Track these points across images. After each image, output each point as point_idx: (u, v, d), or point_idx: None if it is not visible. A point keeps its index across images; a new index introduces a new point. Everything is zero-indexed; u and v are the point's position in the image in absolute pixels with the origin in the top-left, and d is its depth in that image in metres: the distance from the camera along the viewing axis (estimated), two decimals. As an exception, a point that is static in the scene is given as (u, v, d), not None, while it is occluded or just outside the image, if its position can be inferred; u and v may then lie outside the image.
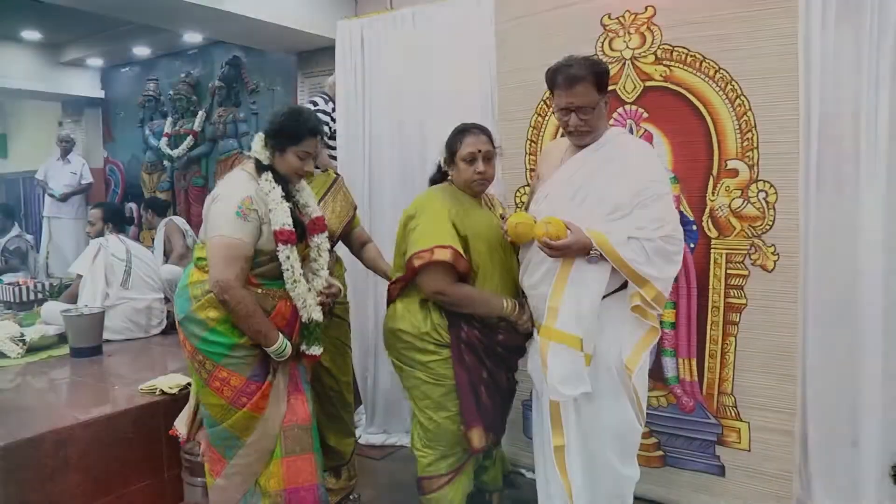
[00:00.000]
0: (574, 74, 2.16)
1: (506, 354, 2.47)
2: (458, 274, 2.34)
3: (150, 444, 2.82)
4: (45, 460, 2.49)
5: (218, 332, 2.25)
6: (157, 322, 4.23)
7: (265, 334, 2.23)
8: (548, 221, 2.13)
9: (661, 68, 2.75)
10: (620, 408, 2.20)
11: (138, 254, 4.23)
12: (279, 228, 2.25)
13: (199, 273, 2.33)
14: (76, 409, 2.77)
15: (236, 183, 2.30)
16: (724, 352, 2.69)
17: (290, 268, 2.28)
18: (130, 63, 7.65)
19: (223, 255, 2.18)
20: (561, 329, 2.14)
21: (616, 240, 2.09)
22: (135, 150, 7.71)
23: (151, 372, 3.25)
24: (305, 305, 2.35)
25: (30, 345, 3.72)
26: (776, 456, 2.61)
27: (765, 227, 2.58)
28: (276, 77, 6.19)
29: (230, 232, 2.18)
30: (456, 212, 2.37)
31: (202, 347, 2.27)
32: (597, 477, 2.25)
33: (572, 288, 2.15)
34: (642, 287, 2.11)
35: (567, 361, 2.14)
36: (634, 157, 2.22)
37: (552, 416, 2.24)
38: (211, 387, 2.28)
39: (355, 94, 3.72)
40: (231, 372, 2.26)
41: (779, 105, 2.53)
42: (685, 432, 2.80)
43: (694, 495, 2.77)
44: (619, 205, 2.15)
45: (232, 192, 2.25)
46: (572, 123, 2.21)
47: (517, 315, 2.37)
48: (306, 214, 2.43)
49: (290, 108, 2.45)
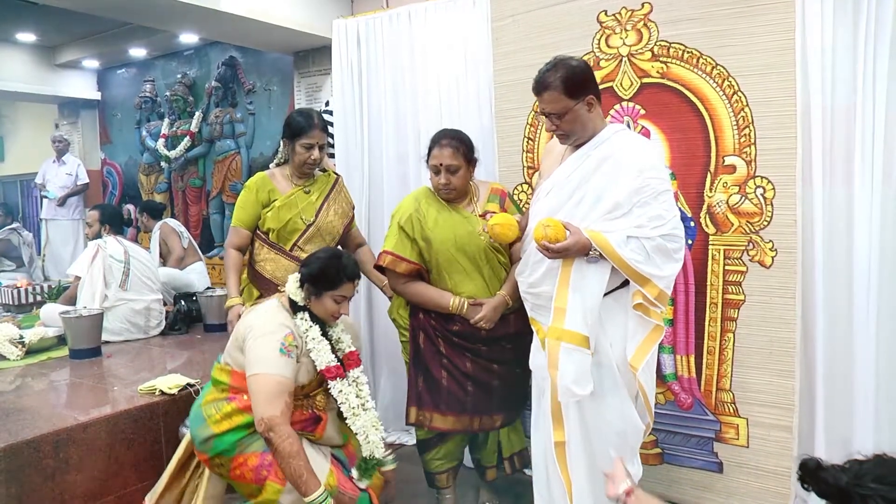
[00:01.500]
0: (540, 81, 2.20)
1: (467, 344, 2.62)
2: (408, 274, 2.62)
3: (149, 445, 2.81)
4: (45, 461, 2.48)
5: (226, 434, 2.23)
6: (156, 323, 4.21)
7: (305, 480, 2.10)
8: (546, 224, 2.11)
9: (658, 65, 2.74)
10: (623, 405, 2.19)
11: (136, 255, 4.21)
12: (325, 367, 2.26)
13: (215, 393, 2.32)
14: (76, 411, 2.76)
15: (274, 317, 2.28)
16: (723, 348, 2.68)
17: (345, 401, 2.28)
18: (126, 64, 7.63)
19: (268, 392, 2.13)
20: (570, 329, 2.13)
21: (615, 239, 2.08)
22: (132, 152, 7.69)
23: (150, 372, 3.25)
24: (368, 441, 2.31)
25: (29, 347, 3.70)
26: (775, 452, 2.60)
27: (763, 223, 2.57)
28: (273, 77, 6.18)
29: (276, 370, 2.15)
30: (415, 217, 2.62)
31: (216, 453, 2.25)
32: (598, 475, 2.21)
33: (576, 287, 2.14)
34: (644, 286, 2.10)
35: (577, 362, 2.12)
36: (632, 155, 2.19)
37: (553, 413, 2.23)
38: (233, 476, 2.25)
39: (352, 93, 3.71)
40: (246, 454, 2.22)
41: (776, 101, 2.51)
42: (683, 429, 2.79)
43: (692, 492, 2.76)
44: (618, 203, 2.13)
45: (273, 328, 2.22)
46: (548, 128, 2.28)
47: (466, 312, 2.57)
48: (340, 350, 2.40)
49: (329, 252, 2.41)
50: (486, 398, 2.64)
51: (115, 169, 7.90)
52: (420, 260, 2.62)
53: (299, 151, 2.76)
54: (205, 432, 2.26)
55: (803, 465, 1.20)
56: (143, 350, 3.90)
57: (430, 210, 2.64)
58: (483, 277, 2.62)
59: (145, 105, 7.35)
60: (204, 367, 3.40)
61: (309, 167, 2.81)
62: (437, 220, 2.61)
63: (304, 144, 2.75)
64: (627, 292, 2.17)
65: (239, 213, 2.85)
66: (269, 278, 2.79)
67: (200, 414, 2.30)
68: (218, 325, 4.32)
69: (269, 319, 2.27)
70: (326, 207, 2.86)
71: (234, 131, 6.55)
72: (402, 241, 2.62)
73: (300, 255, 2.78)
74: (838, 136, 2.51)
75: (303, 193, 2.83)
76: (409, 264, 2.61)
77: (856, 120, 2.47)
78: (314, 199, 2.84)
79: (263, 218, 2.81)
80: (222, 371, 2.33)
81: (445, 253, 2.59)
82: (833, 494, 1.14)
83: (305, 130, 2.74)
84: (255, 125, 6.43)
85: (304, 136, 2.74)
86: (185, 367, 3.40)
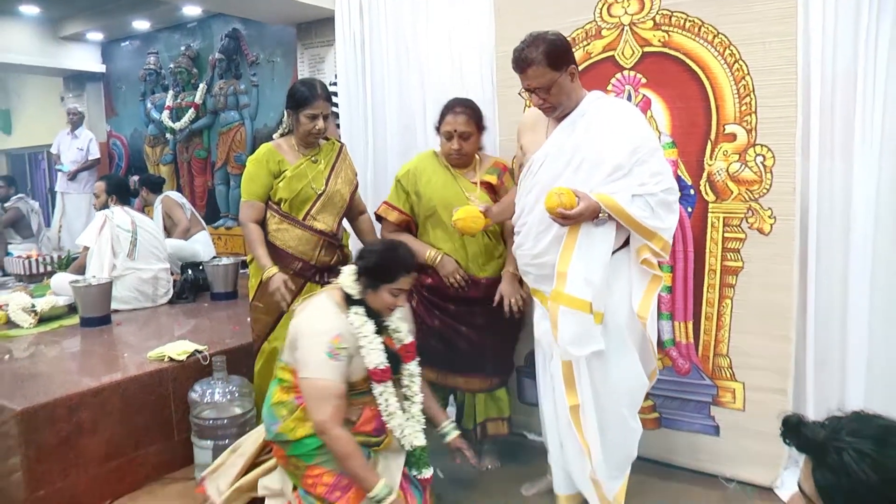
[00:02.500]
0: (523, 58, 2.22)
1: (437, 300, 2.76)
2: (398, 224, 2.83)
3: (159, 409, 2.85)
4: (60, 425, 2.53)
5: (305, 440, 2.22)
6: (164, 291, 4.25)
7: (363, 478, 2.13)
8: (559, 192, 2.13)
9: (659, 34, 2.72)
10: (631, 363, 2.27)
11: (143, 225, 4.23)
12: (373, 368, 2.22)
13: (281, 393, 2.30)
14: (88, 376, 2.80)
15: (324, 316, 2.24)
16: (721, 314, 2.70)
17: (384, 402, 2.25)
18: (130, 37, 7.57)
19: (316, 398, 2.14)
20: (570, 293, 2.18)
21: (623, 199, 2.14)
22: (137, 124, 7.66)
23: (159, 340, 3.29)
24: (404, 434, 2.29)
25: (41, 315, 3.74)
26: (770, 415, 2.61)
27: (762, 190, 2.57)
28: (276, 49, 6.14)
29: (321, 374, 2.14)
30: (413, 173, 2.81)
31: (293, 453, 2.25)
32: (607, 432, 2.30)
33: (581, 252, 2.18)
34: (651, 239, 2.18)
35: (576, 323, 2.18)
36: (622, 117, 2.26)
37: (565, 378, 2.28)
38: (304, 484, 2.24)
39: (355, 65, 3.69)
40: (323, 469, 2.22)
41: (777, 70, 2.49)
42: (681, 394, 2.81)
43: (690, 455, 2.80)
44: (618, 165, 2.18)
45: (321, 329, 2.19)
46: (534, 102, 2.30)
47: (438, 264, 2.72)
48: (397, 340, 2.36)
49: (384, 244, 2.40)
50: (452, 357, 2.76)
51: (121, 141, 7.88)
52: (410, 212, 2.82)
53: (304, 122, 2.75)
54: (281, 436, 2.25)
55: (786, 421, 1.23)
56: (152, 318, 3.93)
57: (427, 168, 2.81)
58: (462, 239, 2.73)
59: (150, 77, 7.30)
60: (211, 335, 3.44)
61: (314, 137, 2.80)
62: (432, 178, 2.78)
63: (309, 115, 2.74)
64: (628, 252, 2.23)
65: (250, 187, 2.81)
66: (281, 247, 2.78)
67: (273, 414, 2.29)
68: (224, 293, 4.36)
69: (319, 319, 2.23)
70: (334, 175, 2.86)
71: (238, 103, 6.52)
72: (398, 193, 2.83)
73: (314, 224, 2.79)
74: (838, 105, 2.50)
75: (311, 163, 2.82)
76: (400, 213, 2.81)
77: (856, 88, 2.46)
78: (322, 167, 2.84)
79: (275, 189, 2.79)
80: (285, 370, 2.31)
81: (431, 209, 2.75)
82: (811, 448, 1.17)
83: (309, 101, 2.73)
84: (258, 97, 6.40)
85: (308, 106, 2.73)
86: (193, 334, 3.44)
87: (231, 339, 3.32)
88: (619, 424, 2.31)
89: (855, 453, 1.10)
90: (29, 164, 10.23)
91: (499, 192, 2.79)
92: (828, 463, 1.13)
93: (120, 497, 2.68)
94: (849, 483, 1.10)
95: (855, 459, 1.09)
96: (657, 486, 2.68)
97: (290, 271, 2.78)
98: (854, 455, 1.10)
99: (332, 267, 2.83)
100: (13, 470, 2.45)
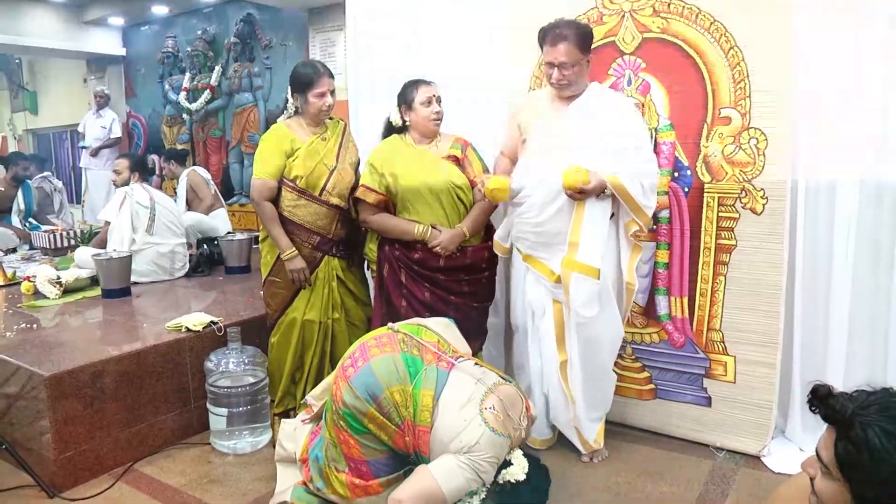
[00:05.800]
0: (559, 34, 2.38)
1: (426, 272, 2.72)
2: (377, 205, 2.75)
3: (177, 378, 2.87)
4: (84, 390, 2.55)
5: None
6: (181, 265, 4.26)
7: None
8: (577, 170, 2.33)
9: (658, 20, 2.68)
10: (612, 316, 2.51)
11: (161, 201, 4.23)
12: None
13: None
14: (110, 345, 2.82)
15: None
16: (714, 290, 2.69)
17: None
18: (150, 21, 7.56)
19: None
20: (582, 261, 2.39)
21: (625, 179, 2.35)
22: (155, 105, 7.67)
23: (176, 311, 3.29)
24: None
25: (65, 286, 3.76)
26: (759, 387, 2.62)
27: (755, 172, 2.55)
28: (289, 33, 6.10)
29: None
30: (385, 154, 2.76)
31: (346, 412, 2.06)
32: (590, 381, 2.54)
33: (588, 223, 2.39)
34: (639, 215, 2.41)
35: (587, 288, 2.40)
36: (623, 107, 2.49)
37: (556, 336, 2.53)
38: (338, 438, 2.10)
39: (366, 49, 3.64)
40: (357, 444, 2.06)
41: (771, 56, 2.46)
42: (675, 366, 2.81)
43: (683, 424, 2.81)
44: (622, 148, 2.38)
45: None
46: (555, 77, 2.44)
47: (429, 238, 2.67)
48: None
49: None
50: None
51: (140, 121, 7.89)
52: (387, 192, 2.74)
53: (313, 101, 2.73)
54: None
55: (815, 390, 1.19)
56: (170, 290, 3.95)
57: (396, 148, 2.78)
58: (444, 209, 2.72)
59: (167, 60, 7.29)
60: (225, 307, 3.45)
61: (325, 114, 2.79)
62: (404, 155, 2.75)
63: (317, 94, 2.72)
64: (612, 225, 2.48)
65: (264, 167, 2.75)
66: (299, 223, 2.77)
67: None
68: (238, 267, 4.37)
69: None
70: (343, 151, 2.85)
71: (252, 85, 6.51)
72: (373, 175, 2.75)
73: (329, 199, 2.77)
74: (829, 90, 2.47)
75: (321, 140, 2.80)
76: (377, 195, 2.73)
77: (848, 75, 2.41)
78: (331, 144, 2.83)
79: (290, 167, 2.75)
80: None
81: (411, 185, 2.70)
82: (837, 420, 1.14)
83: (315, 80, 2.71)
84: (271, 79, 6.38)
85: (315, 86, 2.71)
86: (209, 306, 3.45)
87: (245, 311, 3.32)
88: (600, 372, 2.56)
89: (881, 431, 1.07)
90: (54, 144, 10.25)
91: (463, 163, 2.78)
92: (851, 437, 1.10)
93: (140, 459, 2.71)
94: (870, 460, 1.07)
95: (880, 437, 1.07)
96: (651, 453, 2.69)
97: (309, 245, 2.78)
98: (879, 433, 1.07)
99: (347, 240, 2.84)
100: (44, 431, 2.48)
